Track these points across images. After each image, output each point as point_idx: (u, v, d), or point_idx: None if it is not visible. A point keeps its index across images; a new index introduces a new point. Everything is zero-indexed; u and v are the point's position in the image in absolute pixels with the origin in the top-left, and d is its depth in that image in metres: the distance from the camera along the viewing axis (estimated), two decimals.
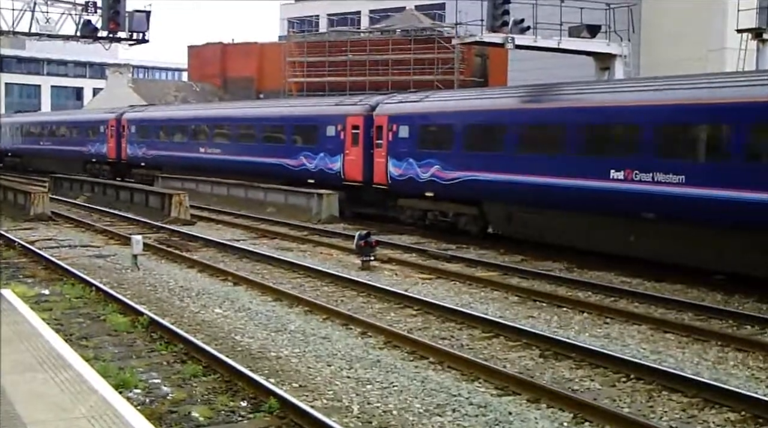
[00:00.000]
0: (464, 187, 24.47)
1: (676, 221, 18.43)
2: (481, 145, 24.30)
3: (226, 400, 10.18)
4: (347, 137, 30.00)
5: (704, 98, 18.10)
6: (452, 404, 10.28)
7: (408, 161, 26.59)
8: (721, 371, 11.98)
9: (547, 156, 21.69)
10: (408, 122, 27.01)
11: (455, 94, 29.40)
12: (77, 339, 13.00)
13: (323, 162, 31.11)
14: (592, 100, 21.23)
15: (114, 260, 21.08)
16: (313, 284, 18.30)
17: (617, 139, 20.46)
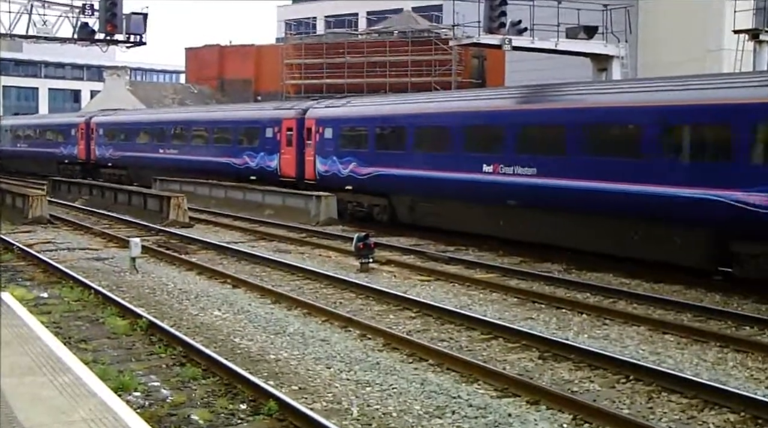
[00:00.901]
0: (376, 181, 28.17)
1: (532, 207, 22.24)
2: (388, 145, 28.16)
3: (226, 403, 10.18)
4: (283, 138, 33.48)
5: (547, 105, 22.53)
6: (452, 406, 10.28)
7: (332, 159, 30.40)
8: (721, 372, 11.99)
9: (438, 154, 25.54)
10: (332, 124, 30.79)
11: (370, 101, 32.63)
12: (76, 342, 12.99)
13: (263, 160, 34.71)
14: (468, 106, 25.27)
15: (112, 263, 21.07)
16: (312, 286, 18.30)
17: (487, 138, 23.98)
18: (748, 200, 16.65)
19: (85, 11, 32.90)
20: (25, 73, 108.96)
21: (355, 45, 56.85)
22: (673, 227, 18.69)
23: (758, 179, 16.42)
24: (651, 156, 19.00)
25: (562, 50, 31.26)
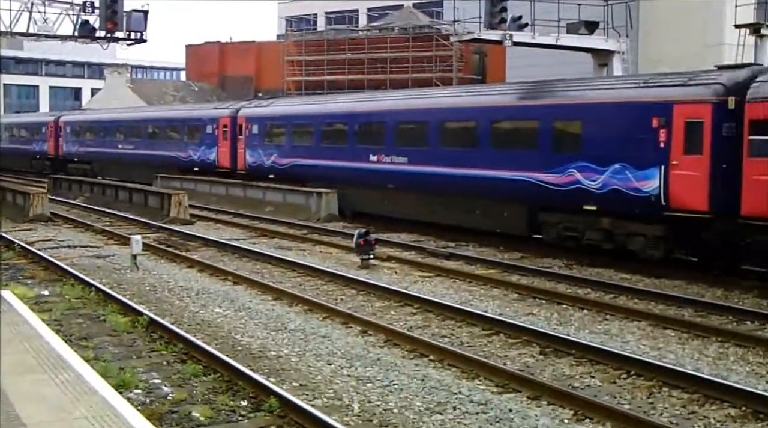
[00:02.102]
0: (293, 170, 33.03)
1: (406, 189, 26.99)
2: (301, 139, 33.18)
3: (227, 400, 10.18)
4: (220, 133, 37.95)
5: (414, 106, 27.72)
6: (453, 402, 10.28)
7: (258, 152, 35.18)
8: (722, 366, 11.98)
9: (338, 147, 30.57)
10: (258, 122, 35.61)
11: (287, 102, 38.24)
12: (77, 339, 12.99)
13: (204, 154, 39.18)
14: (359, 107, 30.68)
15: (113, 261, 21.07)
16: (313, 282, 18.30)
17: (373, 134, 28.98)
18: (549, 180, 21.61)
19: (86, 9, 32.84)
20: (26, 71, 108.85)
21: (355, 42, 56.80)
22: (502, 203, 23.48)
23: (552, 164, 21.57)
24: (483, 147, 24.16)
25: (562, 46, 31.23)
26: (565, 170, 21.23)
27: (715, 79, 18.92)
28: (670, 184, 18.83)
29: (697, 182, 18.44)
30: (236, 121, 36.83)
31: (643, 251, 19.87)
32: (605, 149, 20.39)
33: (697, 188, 18.42)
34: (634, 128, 19.75)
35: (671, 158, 18.90)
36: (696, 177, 18.46)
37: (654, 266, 19.28)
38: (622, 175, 19.86)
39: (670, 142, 18.95)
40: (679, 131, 18.85)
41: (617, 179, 19.97)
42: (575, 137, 21.61)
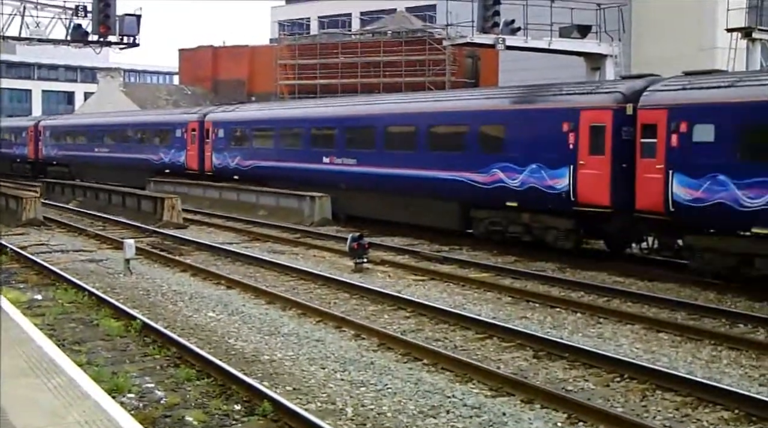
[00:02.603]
0: (254, 171, 35.14)
1: (354, 189, 29.04)
2: (262, 143, 35.42)
3: (220, 404, 10.17)
4: (188, 137, 39.84)
5: (362, 112, 30.28)
6: (446, 405, 10.28)
7: (224, 154, 37.29)
8: (715, 370, 12.01)
9: (294, 150, 32.98)
10: (224, 126, 37.68)
11: (249, 108, 40.46)
12: (70, 344, 12.97)
13: (174, 156, 41.13)
14: (316, 112, 33.42)
15: (106, 265, 21.03)
16: (306, 286, 18.29)
17: (325, 138, 31.44)
18: (477, 180, 23.68)
19: (78, 13, 32.82)
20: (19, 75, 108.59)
21: (348, 45, 56.80)
22: (439, 201, 25.41)
23: (480, 165, 23.65)
24: (422, 149, 26.23)
25: (555, 50, 31.29)
26: (491, 170, 23.36)
27: (616, 88, 21.21)
28: (578, 182, 20.91)
29: (600, 180, 20.48)
30: (203, 125, 38.97)
31: (555, 242, 22.04)
32: (524, 151, 22.50)
33: (601, 185, 20.46)
34: (548, 131, 21.81)
35: (579, 158, 20.94)
36: (599, 175, 20.49)
37: (646, 270, 19.33)
38: (538, 174, 21.94)
39: (578, 144, 20.99)
40: (585, 134, 20.86)
41: (534, 178, 22.02)
42: (499, 140, 23.78)
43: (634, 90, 20.38)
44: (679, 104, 18.91)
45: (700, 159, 18.21)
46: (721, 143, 17.91)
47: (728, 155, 17.73)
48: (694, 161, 18.31)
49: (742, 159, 17.51)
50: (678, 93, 19.21)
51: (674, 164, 18.68)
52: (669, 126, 18.90)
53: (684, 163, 18.52)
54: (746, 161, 17.42)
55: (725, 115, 17.89)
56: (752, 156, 17.45)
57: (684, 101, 18.89)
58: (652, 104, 19.48)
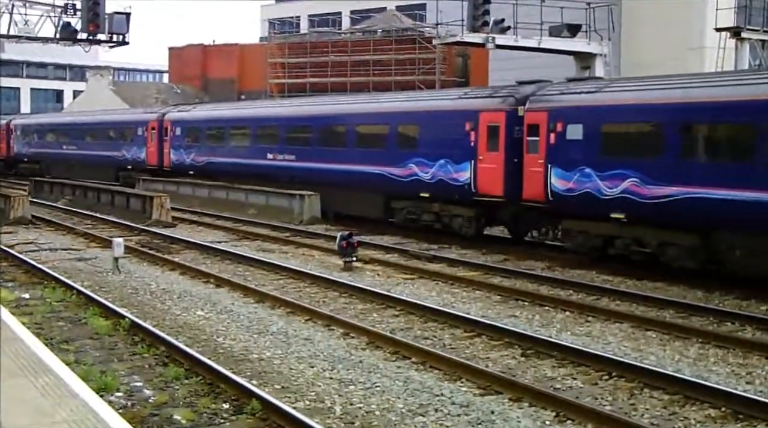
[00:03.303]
0: (208, 167, 37.65)
1: (294, 182, 31.33)
2: (214, 141, 37.74)
3: (209, 402, 10.16)
4: (149, 135, 42.20)
5: (300, 113, 33.40)
6: (435, 404, 10.30)
7: (180, 151, 39.66)
8: (702, 367, 12.06)
9: (243, 146, 35.63)
10: (180, 125, 40.02)
11: (206, 107, 43.04)
12: (58, 342, 12.93)
13: (135, 153, 43.58)
14: (260, 112, 36.38)
15: (95, 264, 20.99)
16: (296, 285, 18.29)
17: (269, 136, 33.90)
18: (396, 173, 26.32)
19: (68, 11, 32.65)
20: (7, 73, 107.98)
21: (338, 44, 56.75)
22: (366, 193, 27.91)
23: (401, 161, 26.27)
24: (351, 146, 28.95)
25: (545, 48, 31.37)
26: (407, 165, 26.10)
27: (509, 93, 23.66)
28: (478, 175, 23.61)
29: (495, 173, 23.17)
30: (163, 124, 41.33)
31: (460, 229, 24.74)
32: (434, 148, 25.18)
33: (495, 178, 23.16)
34: (453, 130, 24.47)
35: (478, 154, 23.63)
36: (495, 169, 23.18)
37: (635, 268, 19.38)
38: (445, 168, 24.60)
39: (478, 142, 23.66)
40: (483, 133, 23.52)
41: (442, 171, 24.70)
42: (414, 138, 26.53)
43: (525, 94, 22.84)
44: (557, 107, 21.51)
45: (572, 155, 20.79)
46: (587, 141, 20.49)
47: (593, 151, 20.31)
48: (567, 156, 20.90)
49: (603, 155, 20.07)
50: (556, 97, 21.90)
51: (552, 159, 21.31)
52: (548, 126, 21.46)
53: (559, 158, 21.12)
54: (606, 156, 19.97)
55: (591, 116, 20.52)
56: (610, 152, 19.96)
57: (560, 105, 21.53)
58: (536, 107, 22.07)
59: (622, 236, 19.88)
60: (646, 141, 19.39)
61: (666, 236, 19.00)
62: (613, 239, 20.11)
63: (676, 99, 18.91)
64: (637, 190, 19.07)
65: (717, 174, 17.58)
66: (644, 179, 18.92)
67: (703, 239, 18.25)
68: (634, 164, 19.23)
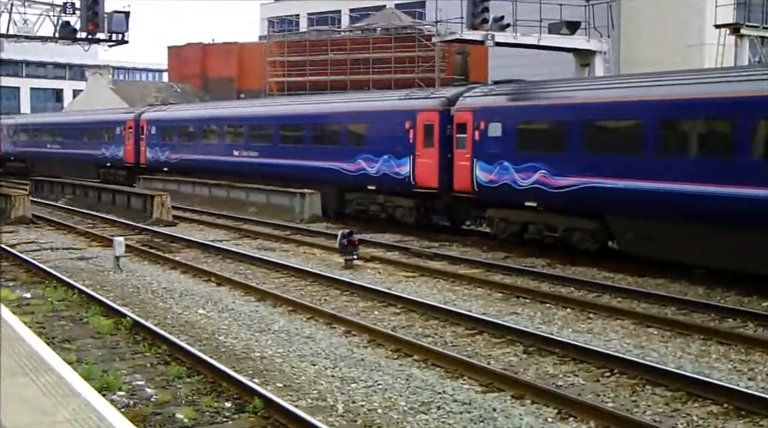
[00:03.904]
0: (181, 164, 39.80)
1: (260, 176, 33.67)
2: (186, 139, 40.10)
3: (211, 401, 10.15)
4: (126, 134, 44.62)
5: (263, 113, 35.88)
6: (437, 401, 10.30)
7: (156, 149, 41.88)
8: (704, 364, 12.05)
9: (212, 144, 38.19)
10: (156, 124, 42.35)
11: (179, 108, 45.32)
12: (60, 342, 12.92)
13: (114, 151, 45.91)
14: (228, 112, 38.85)
15: (96, 263, 20.98)
16: (297, 283, 18.29)
17: (235, 134, 36.69)
18: (346, 168, 28.66)
19: (67, 10, 32.63)
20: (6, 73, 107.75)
21: (338, 42, 56.72)
22: (323, 186, 30.09)
23: (350, 156, 28.57)
24: (308, 143, 31.65)
25: (544, 46, 31.36)
26: (356, 160, 28.39)
27: (443, 95, 26.11)
28: (416, 169, 26.01)
29: (431, 167, 25.50)
30: (139, 123, 43.60)
31: (402, 218, 27.25)
32: (379, 145, 27.54)
33: (431, 171, 25.48)
34: (395, 129, 26.77)
35: (416, 150, 25.98)
36: (430, 164, 25.52)
37: (636, 266, 19.37)
38: (389, 163, 26.97)
39: (416, 139, 26.02)
40: (420, 131, 25.89)
41: (386, 166, 27.06)
42: (362, 136, 28.96)
43: (456, 96, 25.26)
44: (480, 107, 23.85)
45: (493, 150, 23.12)
46: (505, 138, 22.82)
47: (510, 146, 22.63)
48: (489, 151, 23.24)
49: (518, 150, 22.39)
50: (480, 99, 24.26)
51: (477, 154, 23.66)
52: (474, 124, 23.78)
53: (483, 153, 23.45)
54: (520, 151, 22.26)
55: (508, 116, 22.98)
56: (524, 148, 22.24)
57: (483, 105, 23.88)
58: (464, 107, 24.44)
59: (536, 222, 22.33)
60: (552, 137, 21.79)
61: (571, 221, 21.30)
62: (528, 225, 22.54)
63: (575, 100, 21.46)
64: (546, 181, 21.42)
65: (610, 166, 19.73)
66: (551, 171, 21.23)
67: (601, 223, 20.48)
68: (543, 157, 21.57)
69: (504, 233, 23.29)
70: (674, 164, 18.31)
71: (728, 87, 17.84)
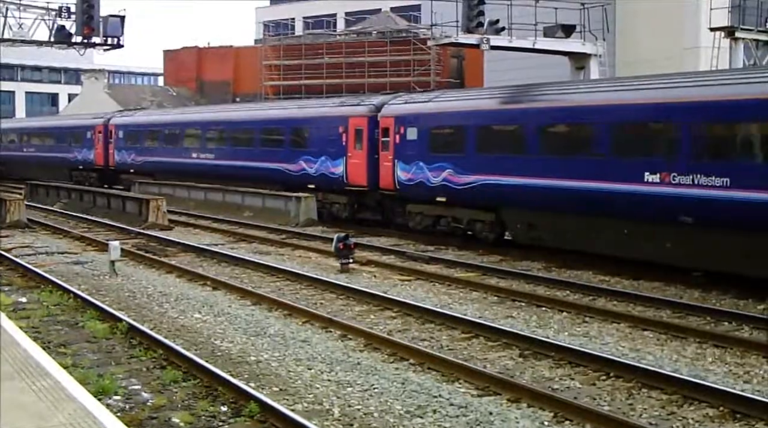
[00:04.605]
0: (145, 166, 42.73)
1: (215, 177, 36.54)
2: (150, 142, 42.95)
3: (207, 405, 10.15)
4: (95, 138, 47.37)
5: (217, 118, 38.64)
6: (433, 405, 10.30)
7: (122, 152, 44.88)
8: (700, 367, 12.06)
9: (173, 148, 40.79)
10: (123, 129, 45.35)
11: (145, 113, 48.31)
12: (55, 346, 12.92)
13: (85, 155, 48.51)
14: (186, 117, 41.93)
15: (92, 267, 20.96)
16: (292, 287, 18.28)
17: (193, 137, 39.41)
18: (290, 169, 31.77)
19: (62, 14, 32.62)
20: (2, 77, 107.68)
21: (333, 46, 56.80)
22: (271, 185, 32.56)
23: (293, 158, 31.72)
24: (257, 146, 34.54)
25: (540, 49, 31.40)
26: (298, 161, 31.37)
27: (371, 102, 28.87)
28: (348, 169, 28.74)
29: (360, 167, 28.22)
30: (108, 128, 46.41)
31: (338, 213, 30.01)
32: (318, 147, 30.44)
33: (361, 171, 28.20)
34: (331, 133, 29.66)
35: (348, 152, 28.76)
36: (360, 164, 28.24)
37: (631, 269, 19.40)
38: (326, 164, 29.82)
39: (348, 142, 28.78)
40: (352, 135, 28.67)
41: (323, 167, 29.92)
42: (303, 139, 31.94)
43: (383, 103, 28.06)
44: (401, 114, 26.80)
45: (410, 152, 25.88)
46: (420, 141, 25.62)
47: (424, 149, 25.44)
48: (407, 153, 25.98)
49: (430, 152, 25.20)
50: (401, 106, 27.20)
51: (397, 155, 26.39)
52: (395, 129, 26.59)
53: (402, 154, 26.22)
54: (432, 153, 25.09)
55: (422, 122, 25.77)
56: (435, 150, 25.09)
57: (403, 112, 26.85)
58: (388, 114, 27.32)
59: (445, 216, 25.16)
60: (455, 140, 24.65)
61: (473, 214, 24.22)
62: (440, 217, 25.41)
63: (470, 108, 24.55)
64: (452, 179, 24.25)
65: (501, 165, 22.61)
66: (456, 170, 24.08)
67: (497, 216, 23.44)
68: (449, 158, 24.44)
69: (420, 225, 26.07)
70: (550, 163, 21.14)
71: (587, 97, 21.32)
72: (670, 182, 17.94)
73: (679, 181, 17.75)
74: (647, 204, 18.43)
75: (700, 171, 17.37)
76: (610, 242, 19.79)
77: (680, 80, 19.55)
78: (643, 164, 18.53)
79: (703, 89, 18.28)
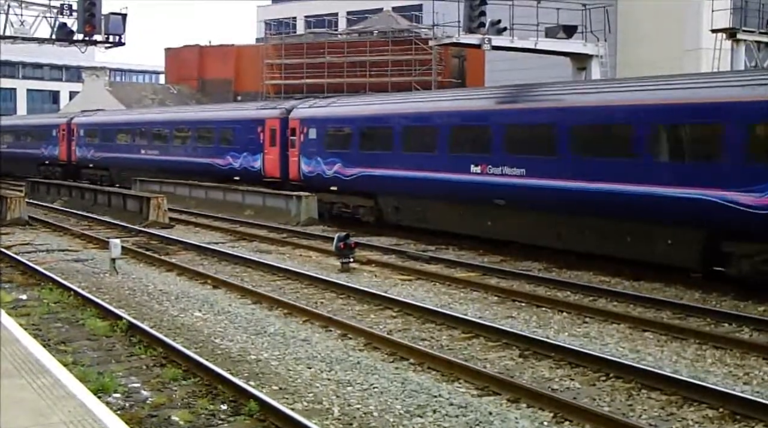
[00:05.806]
0: (103, 161, 47.16)
1: (159, 170, 40.81)
2: (107, 139, 47.16)
3: (206, 403, 10.16)
4: (60, 136, 51.80)
5: (161, 118, 43.75)
6: (433, 405, 10.30)
7: (83, 148, 49.29)
8: (699, 368, 12.06)
9: (124, 144, 45.37)
10: (83, 127, 49.91)
11: (106, 113, 52.98)
12: (55, 344, 12.92)
13: (50, 151, 53.02)
14: (136, 118, 46.82)
15: (92, 264, 20.97)
16: (293, 286, 18.29)
17: (141, 135, 43.99)
18: (219, 163, 36.30)
19: (64, 11, 32.63)
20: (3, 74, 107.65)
21: (335, 45, 56.81)
22: (202, 178, 36.86)
23: (221, 154, 36.14)
24: (192, 144, 39.22)
25: (541, 50, 31.38)
26: (225, 157, 36.28)
27: (283, 107, 33.70)
28: (265, 163, 33.65)
29: (274, 162, 33.00)
30: (71, 127, 50.67)
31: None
32: (241, 145, 35.32)
33: (275, 165, 32.99)
34: (252, 132, 34.43)
35: (265, 149, 33.68)
36: (274, 159, 32.99)
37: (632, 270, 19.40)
38: (248, 159, 34.77)
39: (265, 140, 33.63)
40: (268, 134, 33.45)
41: (246, 161, 34.90)
42: (230, 137, 36.44)
43: (294, 107, 32.77)
44: (305, 117, 31.43)
45: (311, 148, 30.47)
46: (318, 140, 30.20)
47: (321, 146, 29.98)
48: (309, 150, 30.58)
49: (325, 149, 29.76)
50: (305, 110, 31.90)
51: (302, 152, 30.96)
52: (300, 129, 31.12)
53: (306, 151, 30.77)
54: (327, 149, 29.63)
55: (320, 123, 30.45)
56: (329, 147, 29.63)
57: (306, 115, 31.50)
58: (295, 116, 31.95)
59: (337, 202, 29.53)
60: (344, 139, 29.22)
61: (357, 201, 28.57)
62: (333, 204, 29.70)
63: (353, 113, 29.42)
64: (341, 171, 28.72)
65: (377, 160, 27.09)
66: (344, 164, 28.50)
67: (375, 202, 27.68)
68: (339, 154, 28.92)
69: (323, 209, 30.02)
70: (407, 158, 25.83)
71: (430, 104, 26.32)
72: (487, 173, 22.73)
73: (493, 172, 22.61)
74: (473, 190, 23.21)
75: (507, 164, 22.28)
76: (454, 222, 24.61)
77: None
78: (469, 159, 23.39)
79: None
